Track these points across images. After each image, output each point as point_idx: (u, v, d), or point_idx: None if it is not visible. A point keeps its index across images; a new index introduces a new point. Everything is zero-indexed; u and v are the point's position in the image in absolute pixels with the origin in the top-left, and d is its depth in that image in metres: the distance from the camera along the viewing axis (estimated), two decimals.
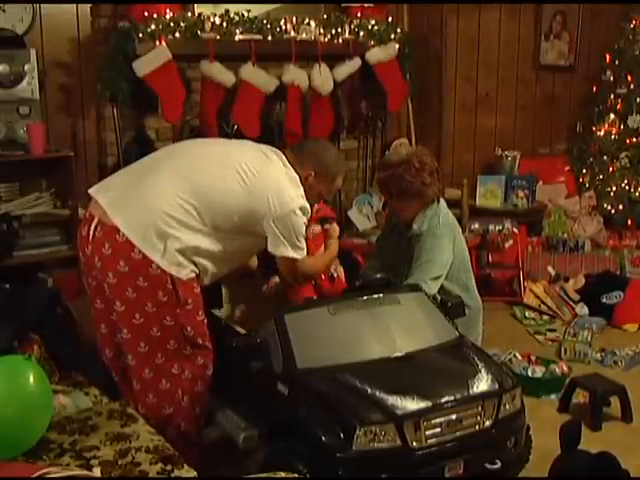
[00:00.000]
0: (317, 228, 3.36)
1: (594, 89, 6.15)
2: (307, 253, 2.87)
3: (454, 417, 2.45)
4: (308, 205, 2.78)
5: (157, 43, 4.09)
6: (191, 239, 2.62)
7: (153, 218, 2.58)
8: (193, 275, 2.67)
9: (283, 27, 4.51)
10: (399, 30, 5.02)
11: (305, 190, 2.82)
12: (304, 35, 4.59)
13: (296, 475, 2.20)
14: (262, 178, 2.71)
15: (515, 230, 5.01)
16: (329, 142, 3.26)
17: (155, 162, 2.79)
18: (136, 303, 2.60)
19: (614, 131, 5.96)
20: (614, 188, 5.95)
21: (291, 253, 2.76)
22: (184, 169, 2.68)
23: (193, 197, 2.62)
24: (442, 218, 3.33)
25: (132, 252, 2.57)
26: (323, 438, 2.37)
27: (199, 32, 4.26)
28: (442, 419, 2.43)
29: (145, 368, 2.68)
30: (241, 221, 2.69)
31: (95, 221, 2.64)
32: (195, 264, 2.67)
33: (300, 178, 2.81)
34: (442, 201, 3.41)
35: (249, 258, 3.11)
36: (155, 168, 2.72)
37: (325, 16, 4.76)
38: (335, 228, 3.33)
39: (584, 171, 6.14)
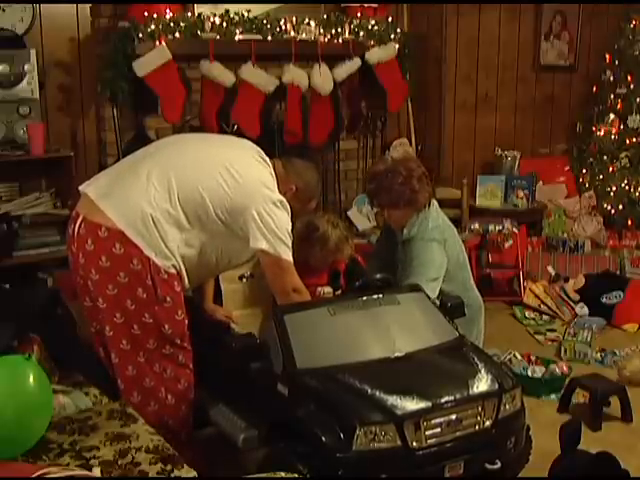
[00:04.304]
0: (328, 290, 3.30)
1: (594, 89, 6.15)
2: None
3: (454, 417, 2.44)
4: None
5: (157, 43, 4.09)
6: (175, 231, 2.64)
7: (140, 207, 2.60)
8: (174, 271, 2.67)
9: (283, 27, 4.52)
10: (399, 30, 5.02)
11: None
12: (304, 35, 4.59)
13: (296, 475, 2.20)
14: (246, 172, 2.72)
15: (515, 230, 5.00)
16: (315, 165, 3.27)
17: (141, 157, 2.81)
18: (117, 300, 2.62)
19: (614, 131, 5.96)
20: (614, 188, 5.95)
21: (270, 248, 2.65)
22: (168, 162, 2.69)
23: (174, 189, 2.63)
24: (431, 222, 3.32)
25: (113, 247, 2.58)
26: (323, 438, 2.37)
27: (199, 32, 4.27)
28: (442, 419, 2.42)
29: (128, 366, 2.70)
30: (223, 216, 2.68)
31: (80, 219, 2.67)
32: (177, 259, 2.67)
33: (280, 190, 2.78)
34: (434, 203, 3.40)
35: (236, 263, 3.03)
36: (141, 162, 2.74)
37: (325, 16, 4.77)
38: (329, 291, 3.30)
39: (584, 171, 6.15)
